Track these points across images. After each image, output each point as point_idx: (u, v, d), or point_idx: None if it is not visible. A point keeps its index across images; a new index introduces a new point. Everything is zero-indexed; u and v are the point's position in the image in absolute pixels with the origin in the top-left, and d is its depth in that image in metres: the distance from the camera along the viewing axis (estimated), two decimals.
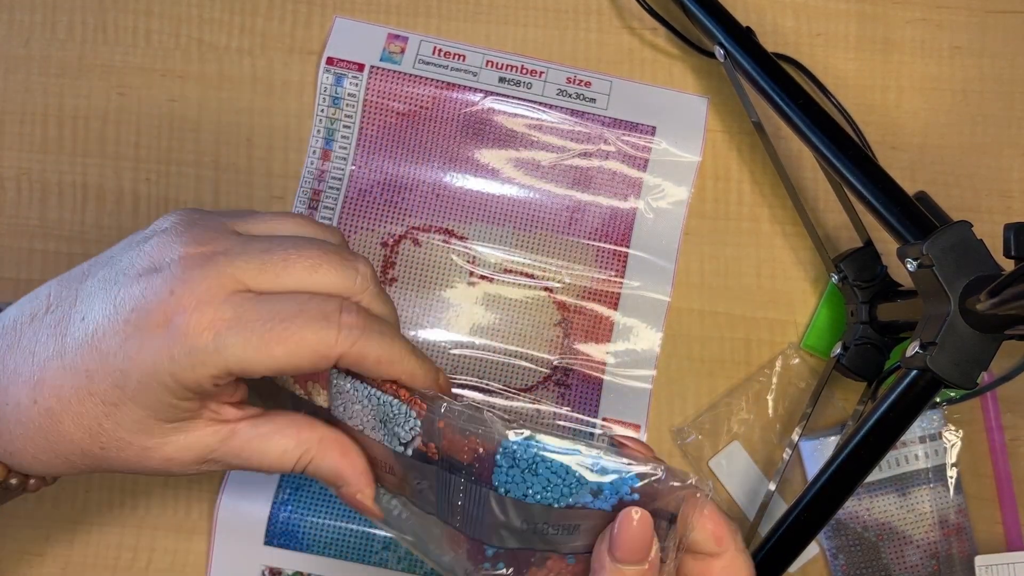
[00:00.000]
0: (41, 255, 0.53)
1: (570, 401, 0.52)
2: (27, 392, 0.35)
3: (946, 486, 0.51)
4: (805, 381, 0.53)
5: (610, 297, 0.53)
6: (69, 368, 0.34)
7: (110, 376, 0.34)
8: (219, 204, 0.53)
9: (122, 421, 0.34)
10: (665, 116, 0.54)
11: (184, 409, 0.34)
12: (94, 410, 0.34)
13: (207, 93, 0.54)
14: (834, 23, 0.55)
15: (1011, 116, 0.55)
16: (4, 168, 0.54)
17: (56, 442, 0.35)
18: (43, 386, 0.35)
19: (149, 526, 0.52)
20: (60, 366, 0.34)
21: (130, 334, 0.33)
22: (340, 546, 0.51)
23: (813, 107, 0.47)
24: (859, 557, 0.51)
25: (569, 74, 0.54)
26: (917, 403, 0.43)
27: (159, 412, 0.34)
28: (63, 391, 0.34)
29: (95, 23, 0.54)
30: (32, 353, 0.35)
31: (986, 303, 0.39)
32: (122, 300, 0.34)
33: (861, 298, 0.50)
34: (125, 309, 0.33)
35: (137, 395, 0.33)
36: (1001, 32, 0.55)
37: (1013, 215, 0.54)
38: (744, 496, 0.52)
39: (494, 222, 0.53)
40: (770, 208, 0.54)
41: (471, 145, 0.53)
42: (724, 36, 0.50)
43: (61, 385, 0.34)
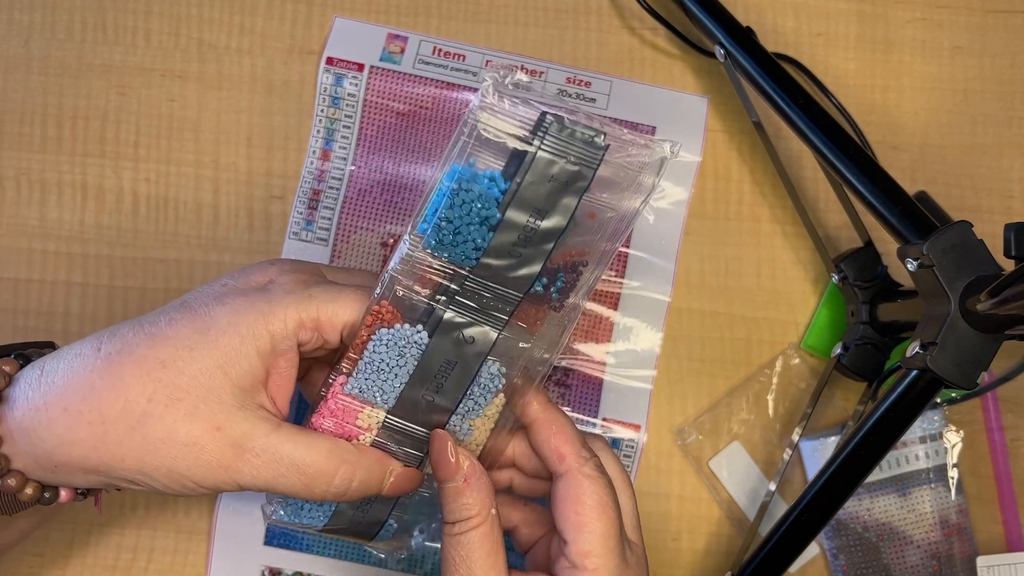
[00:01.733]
0: (41, 255, 0.53)
1: (570, 401, 0.52)
2: (92, 344, 0.36)
3: (947, 486, 0.51)
4: (805, 381, 0.53)
5: (610, 297, 0.53)
6: (147, 323, 0.36)
7: (194, 323, 0.35)
8: (219, 204, 0.53)
9: (189, 367, 0.35)
10: (665, 116, 0.54)
11: (254, 368, 0.35)
12: (163, 352, 0.35)
13: (207, 93, 0.54)
14: (834, 23, 0.55)
15: (1011, 116, 0.55)
16: (4, 168, 0.54)
17: (101, 392, 0.35)
18: (113, 337, 0.36)
19: (149, 526, 0.52)
20: (134, 324, 0.36)
21: (227, 293, 0.37)
22: (340, 546, 0.51)
23: (813, 107, 0.47)
24: (859, 557, 0.51)
25: (569, 74, 0.54)
26: (917, 403, 0.43)
27: (231, 362, 0.35)
28: (132, 338, 0.36)
29: (95, 23, 0.54)
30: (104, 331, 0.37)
31: (986, 303, 0.39)
32: (218, 282, 0.38)
33: (861, 298, 0.50)
34: (221, 283, 0.38)
35: (219, 338, 0.35)
36: (1001, 32, 0.55)
37: (1013, 215, 0.54)
38: (744, 496, 0.52)
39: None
40: (770, 208, 0.54)
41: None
42: (724, 36, 0.50)
43: (131, 334, 0.36)
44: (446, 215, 0.35)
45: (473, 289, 0.36)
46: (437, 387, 0.38)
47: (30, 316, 0.53)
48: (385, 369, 0.37)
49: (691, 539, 0.52)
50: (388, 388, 0.38)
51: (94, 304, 0.53)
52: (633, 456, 0.52)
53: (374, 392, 0.38)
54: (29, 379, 0.36)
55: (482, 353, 0.37)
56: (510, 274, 0.36)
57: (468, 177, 0.35)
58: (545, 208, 0.35)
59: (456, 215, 0.35)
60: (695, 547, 0.52)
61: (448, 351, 0.37)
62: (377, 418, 0.38)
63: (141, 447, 0.35)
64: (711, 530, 0.52)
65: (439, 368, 0.37)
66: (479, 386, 0.38)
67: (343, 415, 0.38)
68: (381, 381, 0.38)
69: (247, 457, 0.35)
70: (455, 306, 0.37)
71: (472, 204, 0.35)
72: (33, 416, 0.35)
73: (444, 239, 0.36)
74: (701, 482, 0.52)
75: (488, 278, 0.36)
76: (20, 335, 0.53)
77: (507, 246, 0.36)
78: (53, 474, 0.37)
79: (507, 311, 0.37)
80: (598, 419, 0.52)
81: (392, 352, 0.37)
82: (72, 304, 0.53)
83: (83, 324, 0.53)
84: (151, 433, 0.35)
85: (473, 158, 0.35)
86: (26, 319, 0.53)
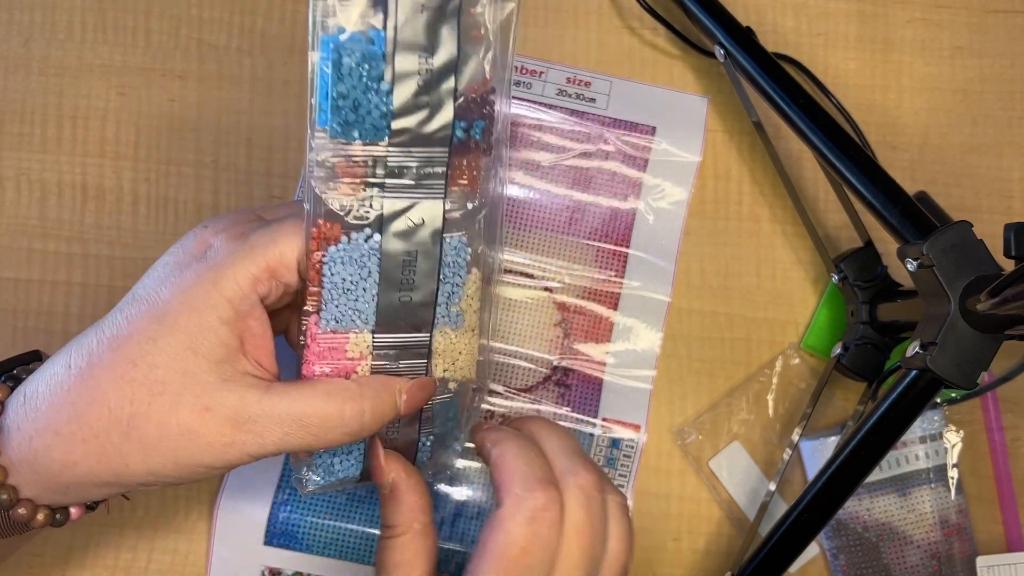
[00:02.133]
0: (41, 255, 0.53)
1: (570, 401, 0.52)
2: (62, 362, 0.36)
3: (947, 486, 0.51)
4: (805, 381, 0.53)
5: (610, 297, 0.53)
6: (107, 327, 0.35)
7: (150, 313, 0.34)
8: (219, 204, 0.53)
9: (159, 358, 0.34)
10: (665, 116, 0.54)
11: (224, 338, 0.34)
12: (129, 351, 0.34)
13: (207, 93, 0.54)
14: (834, 23, 0.55)
15: (1011, 116, 0.55)
16: (4, 168, 0.54)
17: (84, 408, 0.34)
18: (79, 351, 0.35)
19: (149, 526, 0.52)
20: (96, 332, 0.36)
21: (170, 273, 0.35)
22: (340, 546, 0.51)
23: (813, 107, 0.47)
24: (859, 557, 0.51)
25: (569, 74, 0.54)
26: (917, 403, 0.43)
27: (198, 340, 0.34)
28: (96, 347, 0.35)
29: (95, 23, 0.54)
30: (71, 345, 0.36)
31: (986, 303, 0.39)
32: (159, 263, 0.37)
33: (861, 298, 0.50)
34: (163, 263, 0.36)
35: (177, 320, 0.34)
36: (1001, 32, 0.55)
37: (1013, 215, 0.54)
38: (744, 496, 0.52)
39: (503, 223, 0.53)
40: (770, 208, 0.54)
41: None
42: (724, 36, 0.50)
43: (95, 342, 0.35)
44: (338, 91, 0.33)
45: (399, 165, 0.34)
46: (409, 284, 0.36)
47: (30, 316, 0.53)
48: (351, 288, 0.36)
49: (691, 539, 0.52)
50: (362, 306, 0.36)
51: (94, 304, 0.53)
52: (633, 456, 0.52)
53: (350, 317, 0.36)
54: (15, 407, 0.36)
55: (437, 230, 0.36)
56: (426, 130, 0.34)
57: (342, 44, 0.33)
58: (429, 43, 0.33)
59: (348, 87, 0.33)
60: (695, 547, 0.52)
61: (404, 243, 0.35)
62: (365, 342, 0.36)
63: (140, 449, 0.35)
64: (711, 530, 0.52)
65: (403, 264, 0.36)
66: (448, 267, 0.37)
67: (331, 354, 0.36)
68: (352, 302, 0.36)
69: (246, 427, 0.35)
70: (390, 192, 0.35)
71: (359, 69, 0.33)
72: (28, 446, 0.35)
73: (348, 118, 0.33)
74: (701, 482, 0.52)
75: (408, 143, 0.34)
76: (20, 335, 0.53)
77: (411, 100, 0.34)
78: (65, 495, 0.36)
79: (441, 173, 0.35)
80: (598, 419, 0.52)
81: (350, 268, 0.35)
82: (72, 304, 0.53)
83: (83, 324, 0.53)
84: (145, 434, 0.34)
85: (338, 24, 0.33)
86: (26, 319, 0.53)
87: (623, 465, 0.52)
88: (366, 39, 0.33)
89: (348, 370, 0.37)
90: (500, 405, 0.52)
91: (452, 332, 0.38)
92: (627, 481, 0.52)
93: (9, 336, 0.53)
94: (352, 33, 0.33)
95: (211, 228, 0.37)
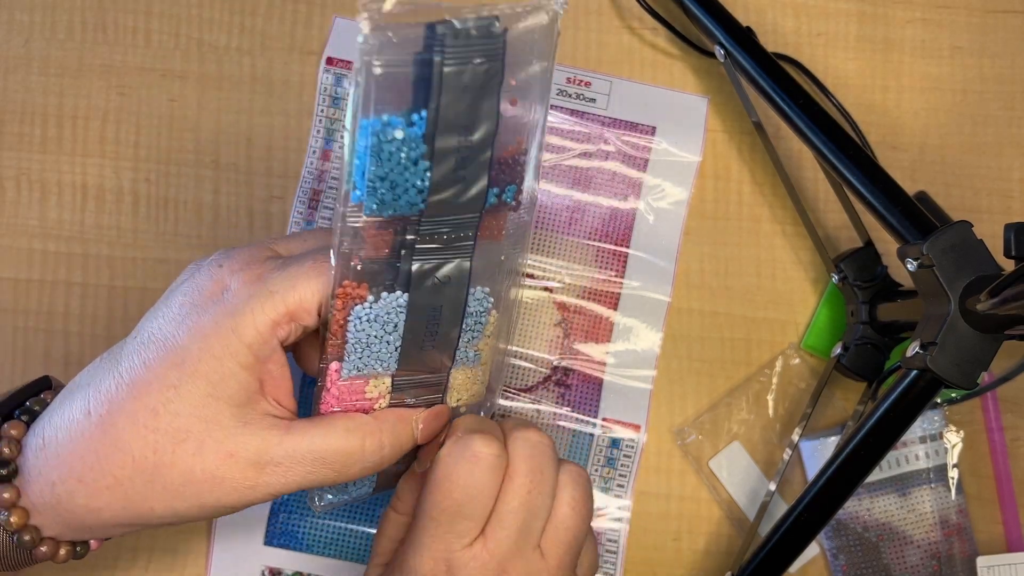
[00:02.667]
0: (41, 255, 0.53)
1: (570, 401, 0.52)
2: (81, 407, 0.35)
3: (947, 486, 0.51)
4: (805, 381, 0.53)
5: (610, 297, 0.53)
6: (125, 371, 0.35)
7: (169, 358, 0.34)
8: (219, 204, 0.53)
9: (181, 407, 0.34)
10: (665, 116, 0.54)
11: (244, 383, 0.34)
12: (151, 400, 0.34)
13: (207, 93, 0.54)
14: (834, 23, 0.55)
15: (1011, 116, 0.55)
16: (4, 168, 0.54)
17: (106, 456, 0.34)
18: (97, 395, 0.35)
19: None
20: (114, 374, 0.35)
21: (187, 314, 0.35)
22: (340, 546, 0.51)
23: (813, 107, 0.47)
24: (859, 557, 0.51)
25: (569, 74, 0.54)
26: (917, 403, 0.43)
27: (219, 387, 0.34)
28: (116, 393, 0.35)
29: (95, 23, 0.54)
30: (87, 385, 0.36)
31: (986, 303, 0.39)
32: (173, 301, 0.36)
33: (861, 298, 0.50)
34: (177, 303, 0.35)
35: (198, 368, 0.34)
36: (1001, 32, 0.55)
37: (1013, 215, 0.54)
38: (744, 496, 0.52)
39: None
40: (770, 208, 0.54)
41: None
42: (724, 36, 0.50)
43: (113, 388, 0.35)
44: (376, 174, 0.32)
45: (430, 230, 0.34)
46: (432, 335, 0.36)
47: (30, 316, 0.53)
48: (375, 343, 0.36)
49: (691, 539, 0.52)
50: (385, 356, 0.36)
51: (94, 304, 0.53)
52: (633, 456, 0.52)
53: (372, 366, 0.36)
54: (35, 450, 0.36)
55: (462, 286, 0.36)
56: (461, 200, 0.34)
57: (382, 127, 0.32)
58: (470, 122, 0.32)
59: (386, 170, 0.32)
60: (695, 547, 0.52)
61: (430, 299, 0.35)
62: (385, 384, 0.37)
63: (165, 495, 0.35)
64: (711, 530, 0.52)
65: (428, 318, 0.36)
66: (471, 317, 0.37)
67: (349, 396, 0.37)
68: (375, 353, 0.36)
69: (269, 469, 0.35)
70: (419, 254, 0.35)
71: (399, 153, 0.32)
72: (51, 492, 0.35)
73: (384, 198, 0.33)
74: (701, 482, 0.52)
75: (441, 214, 0.34)
76: (20, 335, 0.53)
77: (448, 176, 0.33)
78: (90, 534, 0.37)
79: (470, 235, 0.35)
80: (598, 419, 0.52)
81: (375, 325, 0.35)
82: (72, 304, 0.53)
83: (83, 324, 0.53)
84: (169, 481, 0.34)
85: (379, 105, 0.31)
86: (26, 319, 0.53)
87: (623, 465, 0.52)
88: (407, 123, 0.32)
89: (365, 408, 0.37)
90: (500, 405, 0.52)
91: (469, 369, 0.39)
92: (627, 481, 0.52)
93: (9, 336, 0.53)
94: (393, 118, 0.32)
95: (226, 267, 0.36)
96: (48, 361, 0.53)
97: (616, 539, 0.52)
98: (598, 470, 0.52)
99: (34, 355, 0.53)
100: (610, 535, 0.52)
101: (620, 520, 0.52)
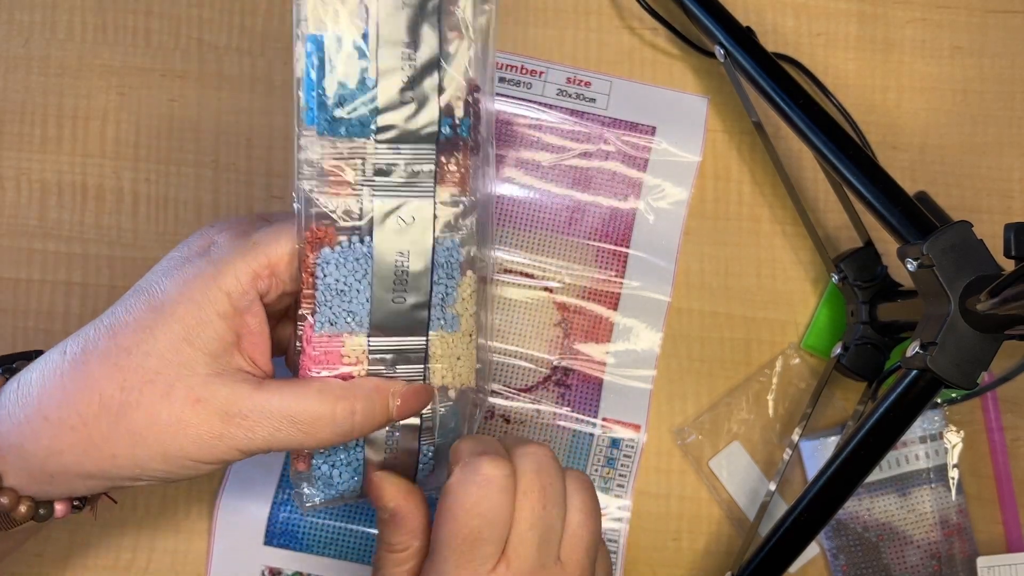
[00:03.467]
0: (41, 255, 0.53)
1: (570, 401, 0.52)
2: (59, 349, 0.36)
3: (947, 486, 0.51)
4: (805, 381, 0.53)
5: (610, 297, 0.53)
6: (106, 316, 0.36)
7: (147, 303, 0.35)
8: (219, 204, 0.53)
9: (154, 347, 0.34)
10: (665, 116, 0.54)
11: (220, 332, 0.35)
12: (124, 340, 0.34)
13: (207, 93, 0.54)
14: (834, 23, 0.55)
15: (1011, 116, 0.55)
16: (4, 168, 0.54)
17: (74, 393, 0.34)
18: (76, 339, 0.35)
19: (149, 526, 0.52)
20: (96, 322, 0.36)
21: (174, 267, 0.36)
22: (340, 546, 0.51)
23: (813, 107, 0.47)
24: (859, 557, 0.51)
25: (569, 74, 0.54)
26: (917, 403, 0.43)
27: (195, 332, 0.34)
28: (94, 335, 0.35)
29: (95, 23, 0.54)
30: (73, 335, 0.36)
31: (986, 303, 0.39)
32: (165, 259, 0.37)
33: (861, 298, 0.50)
34: (168, 259, 0.37)
35: (175, 311, 0.34)
36: (1001, 32, 0.55)
37: (1013, 215, 0.54)
38: (744, 496, 0.52)
39: (494, 222, 0.53)
40: (770, 208, 0.54)
41: None
42: (724, 36, 0.50)
43: (92, 331, 0.35)
44: (324, 87, 0.34)
45: (387, 162, 0.35)
46: (403, 285, 0.36)
47: (30, 316, 0.53)
48: (345, 289, 0.36)
49: (691, 539, 0.52)
50: (356, 308, 0.36)
51: (94, 304, 0.53)
52: (633, 456, 0.52)
53: (344, 319, 0.36)
54: (8, 394, 0.36)
55: (427, 228, 0.36)
56: (413, 126, 0.35)
57: (326, 40, 0.34)
58: (412, 40, 0.35)
59: (332, 81, 0.34)
60: (695, 547, 0.52)
61: (395, 243, 0.36)
62: (361, 346, 0.37)
63: (128, 439, 0.34)
64: (711, 530, 0.52)
65: (396, 265, 0.36)
66: (442, 267, 0.37)
67: (327, 359, 0.37)
68: (347, 303, 0.36)
69: (236, 421, 0.35)
70: (380, 191, 0.35)
71: (343, 64, 0.34)
72: (18, 431, 0.35)
73: (334, 114, 0.34)
74: (701, 482, 0.52)
75: (395, 140, 0.35)
76: (20, 335, 0.53)
77: (396, 95, 0.35)
78: (51, 486, 0.36)
79: (429, 171, 0.36)
80: (598, 419, 0.52)
81: (343, 270, 0.36)
82: (72, 304, 0.53)
83: (83, 324, 0.53)
84: (134, 423, 0.34)
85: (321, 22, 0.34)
86: (26, 319, 0.53)
87: (623, 465, 0.52)
88: (349, 35, 0.34)
89: (344, 376, 0.37)
90: (500, 405, 0.52)
91: (449, 336, 0.38)
92: (627, 481, 0.52)
93: (9, 336, 0.53)
94: (334, 32, 0.34)
95: (217, 227, 0.37)
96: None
97: (616, 539, 0.52)
98: (598, 470, 0.52)
99: None
100: (610, 535, 0.52)
101: (620, 520, 0.52)
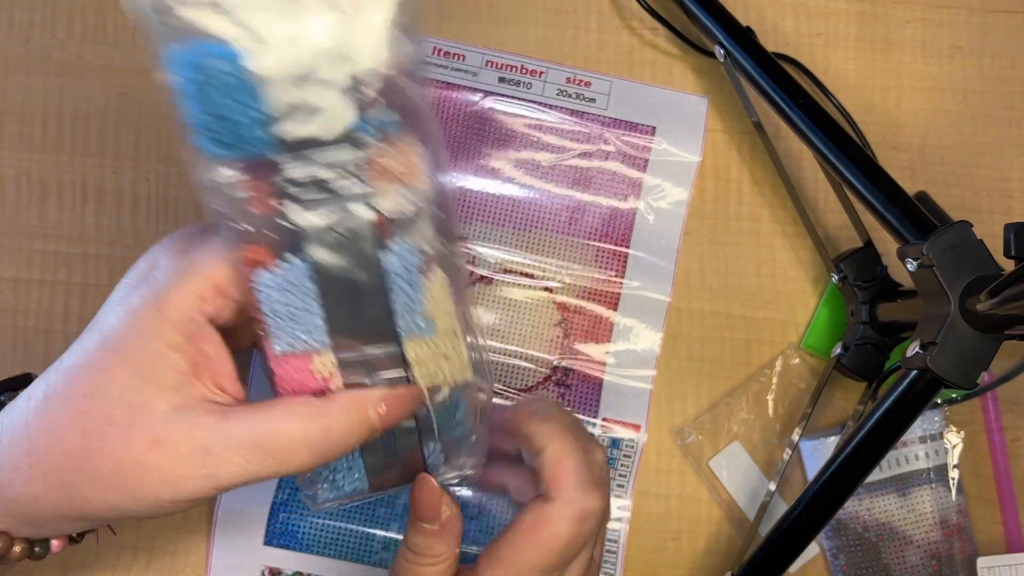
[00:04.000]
0: (41, 255, 0.53)
1: (570, 401, 0.52)
2: (25, 395, 0.35)
3: (947, 486, 0.51)
4: (805, 381, 0.53)
5: (610, 297, 0.53)
6: (66, 358, 0.34)
7: (103, 342, 0.33)
8: None
9: (110, 389, 0.32)
10: (665, 116, 0.54)
11: (174, 364, 0.32)
12: (83, 383, 0.33)
13: None
14: (834, 23, 0.55)
15: (1011, 116, 0.55)
16: (4, 168, 0.54)
17: (39, 440, 0.33)
18: (39, 384, 0.34)
19: (149, 526, 0.52)
20: (58, 363, 0.35)
21: (122, 297, 0.34)
22: (339, 546, 0.51)
23: (813, 107, 0.47)
24: (859, 557, 0.51)
25: (569, 74, 0.54)
26: (917, 403, 0.43)
27: (147, 369, 0.32)
28: (54, 379, 0.34)
29: (95, 23, 0.54)
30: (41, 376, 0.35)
31: (986, 303, 0.39)
32: (117, 288, 0.35)
33: (861, 298, 0.50)
34: (119, 288, 0.35)
35: (125, 349, 0.32)
36: (1001, 32, 0.55)
37: (1013, 215, 0.54)
38: (744, 496, 0.52)
39: (494, 222, 0.53)
40: (770, 208, 0.54)
41: (470, 145, 0.53)
42: (724, 36, 0.50)
43: (53, 374, 0.34)
44: (205, 111, 0.29)
45: (305, 175, 0.31)
46: (357, 299, 0.33)
47: (30, 316, 0.53)
48: (294, 313, 0.33)
49: (691, 539, 0.52)
50: (311, 327, 0.33)
51: (94, 304, 0.53)
52: (633, 456, 0.52)
53: (302, 339, 0.33)
54: None
55: (367, 238, 0.32)
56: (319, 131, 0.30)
57: (194, 56, 0.29)
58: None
59: (213, 102, 0.29)
60: (695, 547, 0.52)
61: (336, 256, 0.32)
62: (329, 360, 0.34)
63: (96, 485, 0.33)
64: (711, 530, 0.52)
65: (343, 278, 0.32)
66: (396, 274, 0.33)
67: (298, 377, 0.34)
68: (300, 325, 0.33)
69: (200, 459, 0.32)
70: (306, 205, 0.31)
71: (220, 79, 0.29)
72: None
73: (223, 137, 0.30)
74: (701, 482, 0.52)
75: (304, 148, 0.30)
76: (20, 335, 0.53)
77: (288, 102, 0.30)
78: (40, 528, 0.35)
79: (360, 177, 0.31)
80: (598, 419, 0.52)
81: (287, 296, 0.32)
82: (72, 304, 0.53)
83: (83, 324, 0.52)
84: (99, 468, 0.32)
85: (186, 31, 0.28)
86: (26, 319, 0.53)
87: (623, 465, 0.52)
88: (214, 41, 0.28)
89: (320, 389, 0.34)
90: (500, 406, 0.52)
91: (427, 340, 0.35)
92: (627, 481, 0.52)
93: (9, 336, 0.53)
94: (203, 44, 0.29)
95: (163, 244, 0.35)
96: (48, 361, 0.52)
97: (616, 539, 0.52)
98: None
99: (34, 355, 0.53)
100: (610, 535, 0.52)
101: (620, 520, 0.52)
